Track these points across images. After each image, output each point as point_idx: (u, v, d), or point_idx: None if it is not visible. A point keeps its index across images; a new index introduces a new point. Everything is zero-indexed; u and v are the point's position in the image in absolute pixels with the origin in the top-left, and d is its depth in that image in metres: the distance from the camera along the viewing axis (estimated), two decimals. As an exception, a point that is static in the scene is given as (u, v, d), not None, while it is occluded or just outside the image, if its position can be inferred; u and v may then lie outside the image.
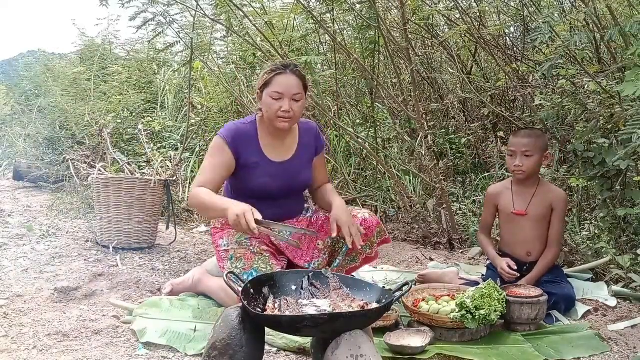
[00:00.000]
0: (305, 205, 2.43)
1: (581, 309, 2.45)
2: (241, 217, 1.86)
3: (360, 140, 4.27)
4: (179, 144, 4.98)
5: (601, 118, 2.93)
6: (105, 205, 3.40)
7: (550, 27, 2.60)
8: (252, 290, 1.66)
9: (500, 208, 2.67)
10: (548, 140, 2.83)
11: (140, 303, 2.45)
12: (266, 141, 2.26)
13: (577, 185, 3.11)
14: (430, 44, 4.77)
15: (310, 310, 1.64)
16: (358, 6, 3.71)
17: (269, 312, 1.63)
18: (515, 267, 2.52)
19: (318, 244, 2.31)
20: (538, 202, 2.57)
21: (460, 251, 3.54)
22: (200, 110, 5.33)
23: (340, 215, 2.16)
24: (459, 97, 4.61)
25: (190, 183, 4.74)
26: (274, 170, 2.24)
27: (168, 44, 4.21)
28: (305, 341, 2.00)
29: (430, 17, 4.25)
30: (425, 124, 3.73)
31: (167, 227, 3.63)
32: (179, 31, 3.96)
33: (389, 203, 4.26)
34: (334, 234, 2.15)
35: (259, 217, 1.89)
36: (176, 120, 5.72)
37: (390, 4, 4.24)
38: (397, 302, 1.83)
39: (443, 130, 4.77)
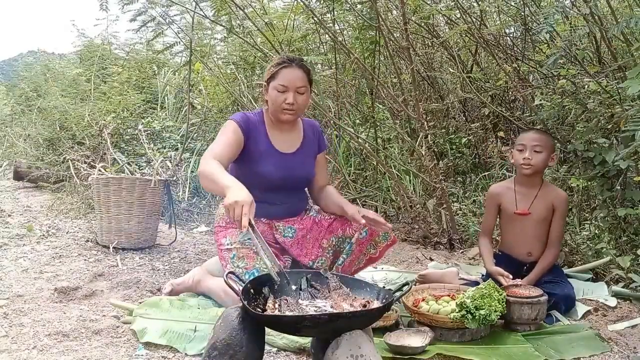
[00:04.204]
0: (308, 205, 2.44)
1: (581, 309, 2.44)
2: (238, 206, 1.70)
3: (360, 140, 4.27)
4: (179, 144, 4.98)
5: (601, 118, 2.92)
6: (105, 205, 3.40)
7: (551, 25, 2.60)
8: (252, 290, 1.66)
9: (503, 208, 2.65)
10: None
11: (140, 303, 2.44)
12: (273, 132, 2.30)
13: (577, 185, 3.11)
14: (430, 44, 4.77)
15: (310, 310, 1.64)
16: (359, 6, 3.71)
17: (269, 312, 1.63)
18: (511, 277, 2.49)
19: (322, 243, 2.33)
20: (541, 202, 2.56)
21: (460, 251, 3.54)
22: (200, 111, 5.34)
23: (359, 209, 2.23)
24: (459, 97, 4.60)
25: (190, 183, 4.74)
26: (280, 160, 2.27)
27: (167, 45, 4.21)
28: (305, 341, 2.00)
29: (431, 16, 4.24)
30: (425, 124, 3.72)
31: (170, 226, 3.63)
32: (178, 32, 3.96)
33: (389, 203, 4.26)
34: (363, 222, 2.17)
35: (252, 217, 1.74)
36: (176, 121, 5.72)
37: (391, 4, 4.24)
38: (397, 302, 1.83)
39: (443, 130, 4.77)
